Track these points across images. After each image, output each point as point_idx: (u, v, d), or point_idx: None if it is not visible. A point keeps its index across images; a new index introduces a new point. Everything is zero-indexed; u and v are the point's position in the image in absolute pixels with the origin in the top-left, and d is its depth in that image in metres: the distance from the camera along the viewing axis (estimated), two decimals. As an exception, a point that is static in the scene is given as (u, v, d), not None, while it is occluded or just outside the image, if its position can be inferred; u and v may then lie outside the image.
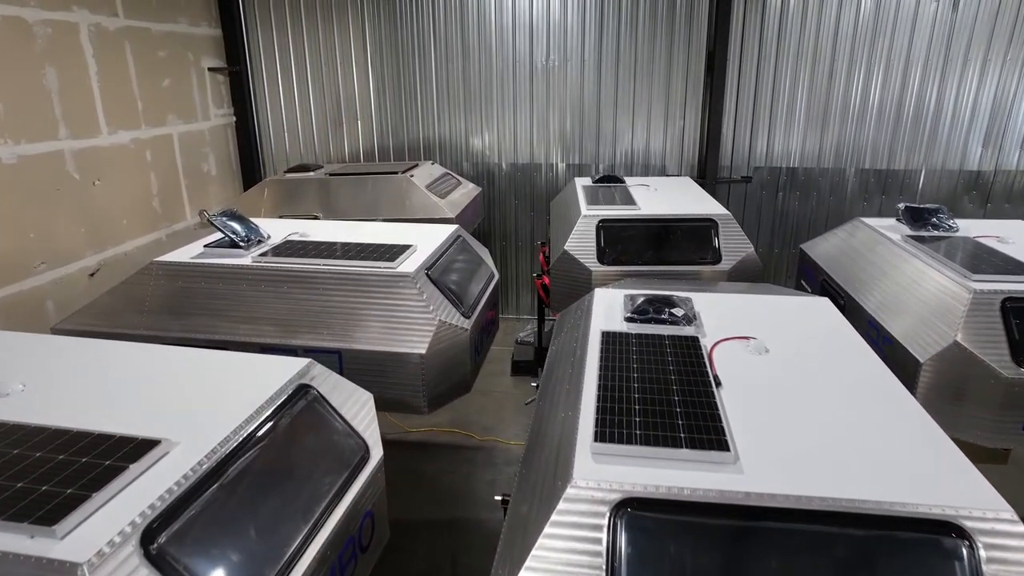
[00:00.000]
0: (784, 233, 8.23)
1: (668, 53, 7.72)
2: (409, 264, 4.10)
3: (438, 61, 8.01)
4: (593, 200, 5.84)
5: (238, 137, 8.33)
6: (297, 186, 6.80)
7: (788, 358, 2.82)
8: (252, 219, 5.29)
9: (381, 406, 3.94)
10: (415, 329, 3.85)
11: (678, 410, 2.30)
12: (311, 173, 7.00)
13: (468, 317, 4.14)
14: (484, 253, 5.23)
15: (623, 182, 6.71)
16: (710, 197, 6.00)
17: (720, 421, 2.23)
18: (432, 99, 8.16)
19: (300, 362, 2.79)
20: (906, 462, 2.08)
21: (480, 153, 8.30)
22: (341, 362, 3.89)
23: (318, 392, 2.70)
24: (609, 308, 3.38)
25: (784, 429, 2.27)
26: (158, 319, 4.07)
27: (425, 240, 4.63)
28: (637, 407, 2.32)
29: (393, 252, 4.23)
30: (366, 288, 3.97)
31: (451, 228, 4.95)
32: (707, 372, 2.60)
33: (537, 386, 4.26)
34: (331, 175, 6.84)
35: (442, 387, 3.99)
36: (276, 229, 4.94)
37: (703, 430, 2.17)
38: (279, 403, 2.53)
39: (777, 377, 2.65)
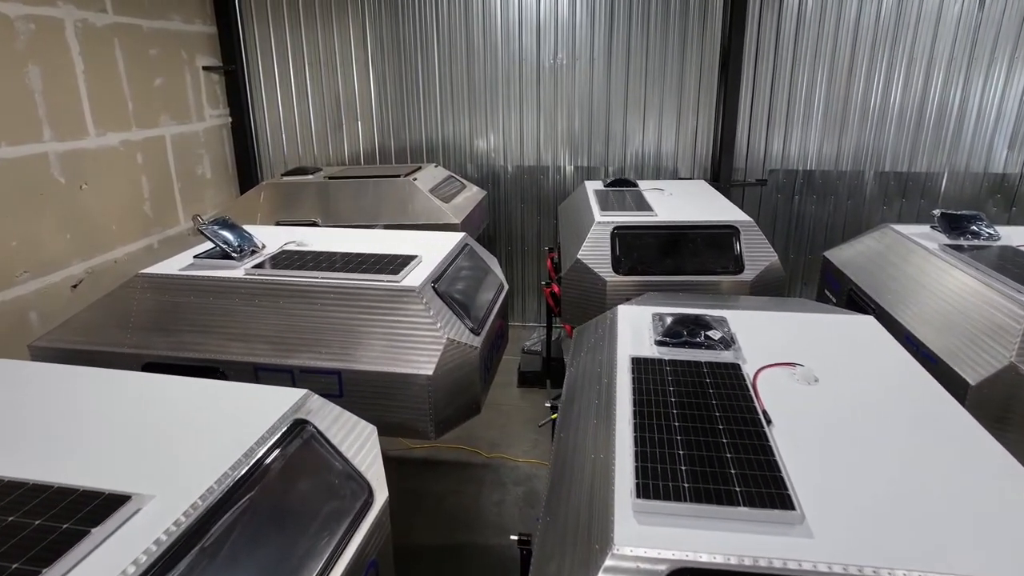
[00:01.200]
0: (800, 239, 7.93)
1: (681, 51, 7.42)
2: (414, 277, 3.80)
3: (441, 59, 7.72)
4: (606, 205, 5.55)
5: (234, 139, 8.03)
6: (295, 190, 6.50)
7: (842, 389, 2.52)
8: (247, 226, 5.00)
9: (384, 430, 3.65)
10: (421, 348, 3.55)
11: (728, 456, 2.00)
12: (309, 176, 6.70)
13: (478, 334, 3.85)
14: (492, 262, 4.94)
15: (636, 186, 6.41)
16: (729, 203, 5.70)
17: (779, 471, 1.94)
18: (435, 99, 7.86)
19: (295, 393, 2.49)
20: (1011, 524, 1.78)
21: (485, 155, 8.00)
22: (341, 383, 3.60)
23: (315, 429, 2.41)
24: (635, 328, 3.09)
25: (851, 478, 1.98)
26: (143, 336, 3.77)
27: (431, 250, 4.33)
28: (681, 452, 2.02)
29: (397, 264, 3.93)
30: (368, 303, 3.67)
31: (458, 236, 4.65)
32: (755, 406, 2.30)
33: (553, 408, 3.97)
34: (330, 178, 6.54)
35: (450, 410, 3.69)
36: (271, 238, 4.64)
37: (761, 481, 1.88)
38: (271, 442, 2.23)
39: (833, 412, 2.35)
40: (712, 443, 2.07)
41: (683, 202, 5.73)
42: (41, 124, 5.30)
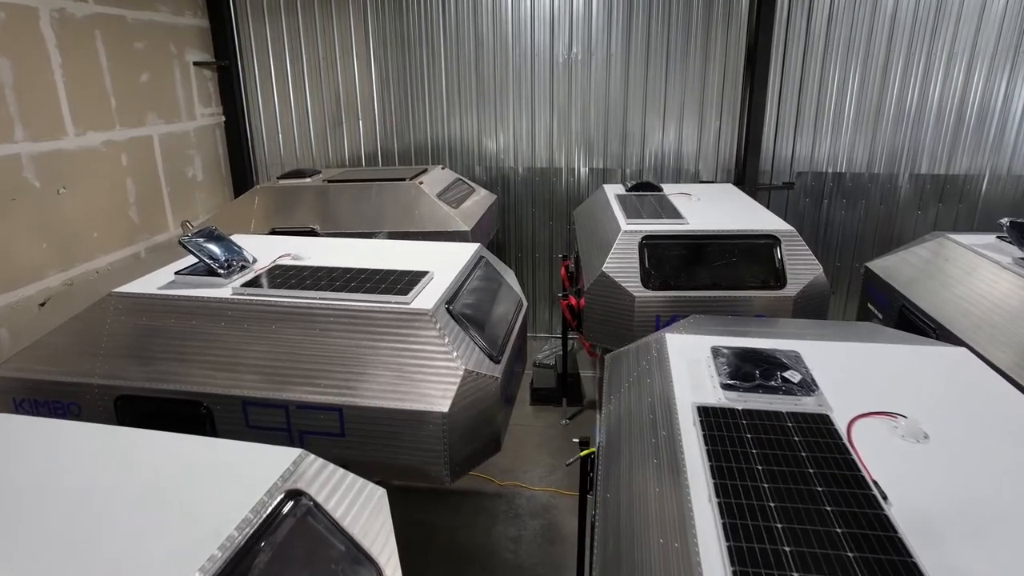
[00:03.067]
0: (828, 246, 7.46)
1: (704, 45, 6.95)
2: (426, 298, 3.33)
3: (448, 54, 7.24)
4: (632, 212, 5.08)
5: (227, 139, 7.56)
6: (291, 194, 6.03)
7: (959, 449, 2.05)
8: (237, 236, 4.53)
9: (392, 474, 3.18)
10: (435, 381, 3.08)
11: (850, 554, 1.53)
12: (307, 180, 6.23)
13: (498, 361, 3.38)
14: (509, 276, 4.47)
15: (661, 190, 5.94)
16: (766, 209, 5.24)
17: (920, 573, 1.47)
18: (441, 96, 7.39)
19: (286, 455, 2.02)
20: None
21: (494, 156, 7.53)
22: (342, 421, 3.13)
23: (313, 501, 1.94)
24: (692, 364, 2.62)
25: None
26: (116, 365, 3.30)
27: (443, 264, 3.86)
28: (787, 548, 1.55)
29: (406, 282, 3.46)
30: (374, 329, 3.20)
31: (472, 248, 4.18)
32: (862, 476, 1.84)
33: (583, 443, 3.52)
34: (329, 182, 6.07)
35: (468, 450, 3.22)
36: (264, 250, 4.17)
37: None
38: (257, 526, 1.76)
39: (961, 484, 1.88)
40: (824, 532, 1.61)
41: (715, 208, 5.26)
42: (12, 123, 4.83)
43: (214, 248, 3.53)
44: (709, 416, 2.15)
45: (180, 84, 6.78)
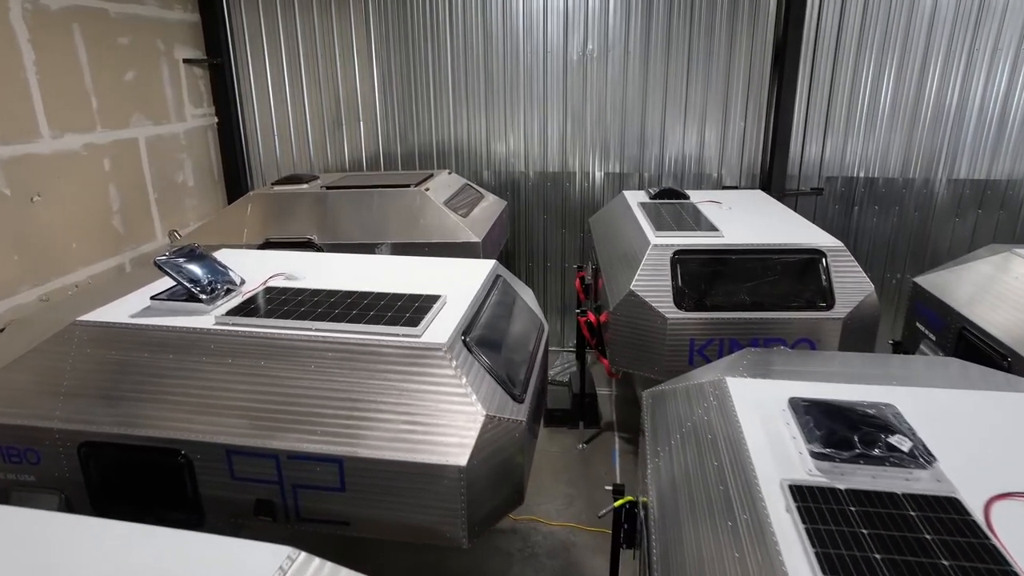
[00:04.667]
0: (858, 255, 6.99)
1: (728, 42, 6.51)
2: (439, 329, 2.88)
3: (454, 51, 6.79)
4: (660, 223, 4.63)
5: (220, 141, 7.11)
6: (287, 202, 5.58)
7: None
8: (224, 251, 4.08)
9: (400, 534, 2.74)
10: (451, 428, 2.64)
11: None
12: (304, 186, 5.78)
13: (522, 400, 2.93)
14: (528, 295, 4.02)
15: (687, 198, 5.50)
16: (807, 220, 4.80)
17: None
18: (447, 96, 6.94)
19: (274, 556, 1.57)
20: None
21: (503, 160, 7.08)
22: (343, 475, 2.68)
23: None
24: (767, 422, 2.16)
25: None
26: (80, 406, 2.85)
27: (456, 285, 3.41)
28: None
29: (415, 308, 3.01)
30: (379, 366, 2.75)
31: (487, 266, 3.73)
32: (1015, 573, 1.39)
33: (617, 493, 3.08)
34: (328, 188, 5.62)
35: (489, 506, 2.77)
36: (253, 268, 3.72)
37: None
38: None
39: None
40: None
41: (750, 219, 4.82)
42: (-22, 125, 4.38)
43: (195, 269, 3.09)
44: (806, 499, 1.70)
45: (169, 83, 6.34)
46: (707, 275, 4.16)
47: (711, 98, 6.68)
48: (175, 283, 3.13)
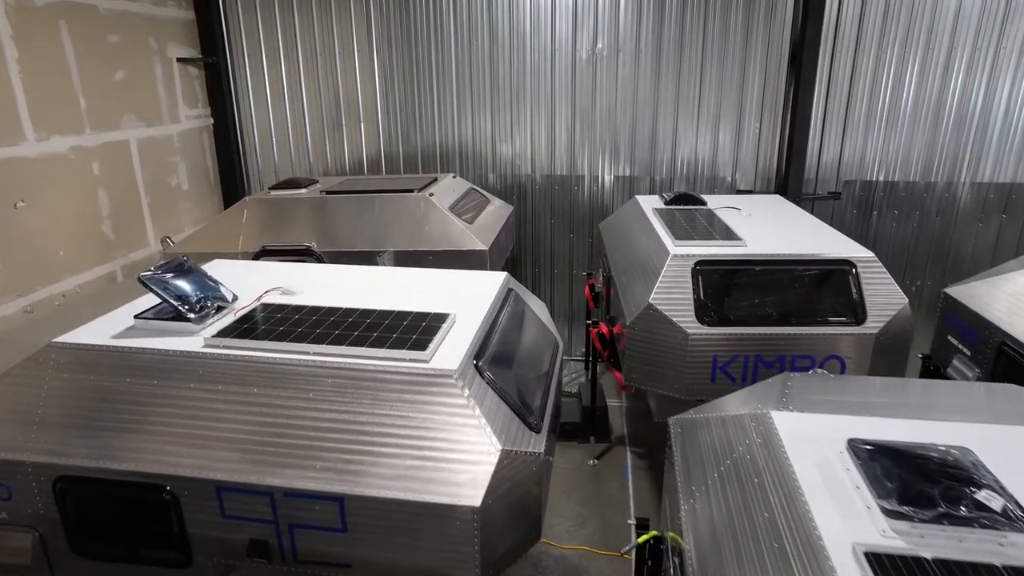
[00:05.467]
0: (878, 260, 6.76)
1: (744, 40, 6.26)
2: (449, 352, 2.64)
3: (459, 50, 6.54)
4: (678, 231, 4.39)
5: (216, 143, 6.87)
6: (285, 207, 5.33)
7: None
8: (216, 263, 3.83)
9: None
10: (463, 464, 2.39)
11: None
12: (302, 190, 5.53)
13: (539, 430, 2.69)
14: (541, 309, 3.77)
15: (704, 203, 5.25)
16: (833, 229, 4.55)
17: None
18: (451, 97, 6.69)
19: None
20: None
21: (509, 162, 6.83)
22: (343, 515, 2.43)
23: None
24: (824, 468, 1.91)
25: None
26: (56, 436, 2.60)
27: (466, 301, 3.17)
28: None
29: (423, 329, 2.76)
30: (383, 394, 2.50)
31: (498, 279, 3.49)
32: None
33: (641, 526, 2.86)
34: (328, 193, 5.37)
35: (504, 548, 2.53)
36: (247, 281, 3.48)
37: None
38: None
39: None
40: None
41: (772, 226, 4.57)
42: (-43, 127, 4.14)
43: (183, 285, 2.84)
44: (886, 570, 1.46)
45: (162, 82, 6.09)
46: (731, 287, 3.92)
47: (725, 98, 6.44)
48: (160, 301, 2.88)
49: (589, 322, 5.11)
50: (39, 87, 4.73)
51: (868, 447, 1.86)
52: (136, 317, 2.85)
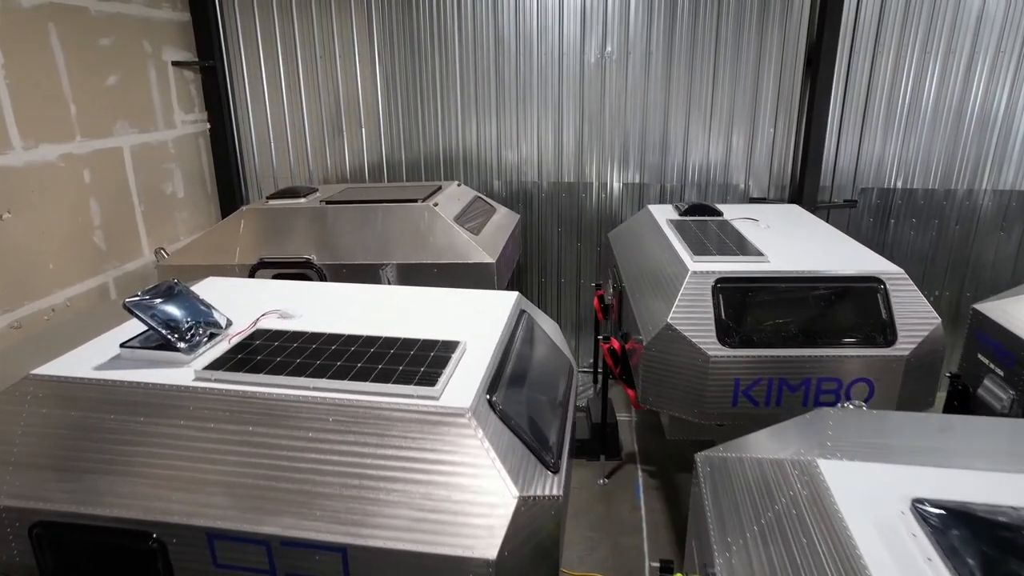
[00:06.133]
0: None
1: (758, 43, 6.06)
2: (461, 387, 2.43)
3: (463, 53, 6.34)
4: (695, 245, 4.18)
5: (213, 149, 6.67)
6: (283, 218, 5.13)
7: None
8: (209, 281, 3.62)
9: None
10: (476, 511, 2.19)
11: None
12: (302, 200, 5.33)
13: (557, 469, 2.48)
14: (554, 331, 3.57)
15: (720, 214, 5.04)
16: (858, 243, 4.35)
17: None
18: (455, 101, 6.49)
19: None
20: None
21: (515, 169, 6.63)
22: (347, 566, 2.23)
23: None
24: (884, 531, 1.71)
25: None
26: (33, 478, 2.40)
27: (477, 325, 2.96)
28: None
29: (431, 360, 2.56)
30: (390, 432, 2.30)
31: (510, 300, 3.28)
32: None
33: (664, 570, 2.68)
34: (328, 203, 5.17)
35: (519, 601, 2.32)
36: (243, 303, 3.27)
37: None
38: None
39: None
40: None
41: (794, 239, 4.37)
42: (-63, 136, 3.93)
43: (172, 310, 2.64)
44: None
45: (156, 87, 5.88)
46: (753, 306, 3.71)
47: (738, 103, 6.23)
48: (147, 328, 2.67)
49: (600, 337, 4.90)
50: (26, 93, 4.53)
51: (938, 511, 1.65)
52: (122, 346, 2.64)
